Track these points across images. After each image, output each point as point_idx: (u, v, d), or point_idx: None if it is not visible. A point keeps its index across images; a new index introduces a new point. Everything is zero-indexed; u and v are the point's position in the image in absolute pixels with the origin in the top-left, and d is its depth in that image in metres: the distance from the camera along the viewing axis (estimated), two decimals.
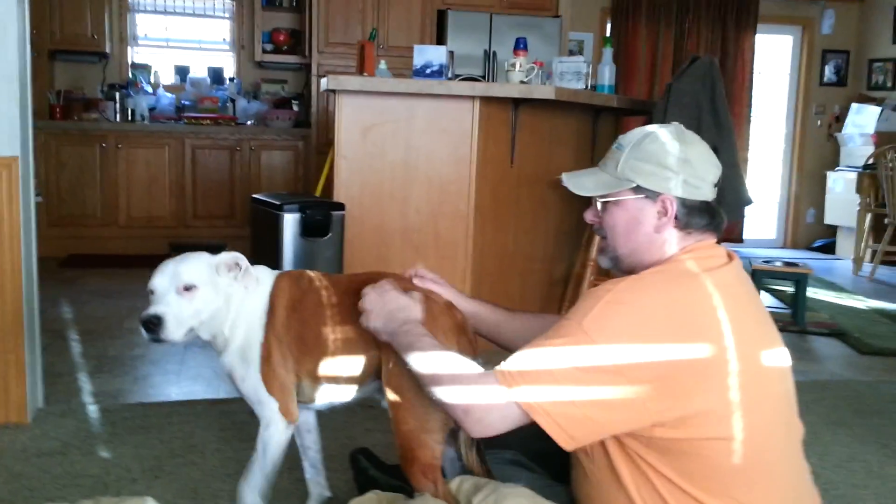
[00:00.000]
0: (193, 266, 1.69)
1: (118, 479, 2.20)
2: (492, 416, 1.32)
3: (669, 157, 1.38)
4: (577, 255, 3.90)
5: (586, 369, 1.28)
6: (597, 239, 3.34)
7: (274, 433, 1.76)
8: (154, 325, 1.63)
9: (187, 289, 1.66)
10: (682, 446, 1.30)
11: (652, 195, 1.39)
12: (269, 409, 1.75)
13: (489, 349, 1.75)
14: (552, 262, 3.90)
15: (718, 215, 1.42)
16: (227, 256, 1.75)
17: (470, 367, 1.38)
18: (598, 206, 1.45)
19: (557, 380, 1.29)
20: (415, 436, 1.60)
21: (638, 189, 1.40)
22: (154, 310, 1.63)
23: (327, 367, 1.73)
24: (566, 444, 1.31)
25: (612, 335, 1.28)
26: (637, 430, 1.31)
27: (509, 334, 1.42)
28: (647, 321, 1.29)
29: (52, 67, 5.80)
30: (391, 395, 1.63)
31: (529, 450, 1.66)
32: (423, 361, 1.43)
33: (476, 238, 3.32)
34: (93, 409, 2.70)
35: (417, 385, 1.48)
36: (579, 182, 1.48)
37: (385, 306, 1.56)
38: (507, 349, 1.58)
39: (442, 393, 1.38)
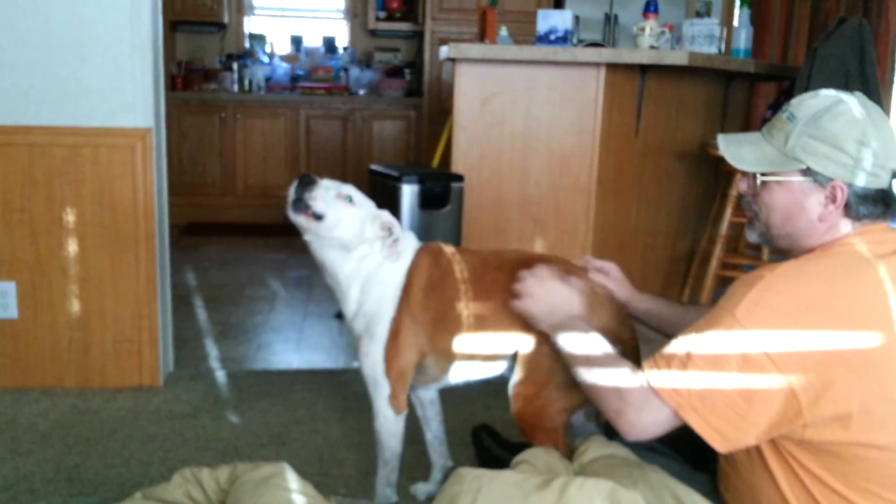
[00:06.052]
0: (357, 193, 1.72)
1: (248, 445, 2.24)
2: (643, 418, 1.27)
3: (849, 140, 1.23)
4: (704, 231, 3.70)
5: (735, 357, 1.19)
6: (728, 210, 3.18)
7: (384, 424, 1.79)
8: (309, 181, 1.64)
9: (344, 198, 1.68)
10: (838, 449, 1.20)
11: (822, 179, 1.25)
12: (381, 394, 1.75)
13: None
14: (676, 238, 3.72)
15: (895, 202, 1.27)
16: (387, 216, 1.74)
17: (625, 368, 1.33)
18: (758, 181, 1.32)
19: (702, 368, 1.21)
20: (543, 409, 1.62)
21: (807, 171, 1.26)
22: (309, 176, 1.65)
23: (463, 345, 1.71)
24: (720, 445, 1.23)
25: (765, 323, 1.18)
26: (788, 429, 1.20)
27: (684, 328, 1.35)
28: (805, 310, 1.18)
29: (173, 38, 5.99)
30: (523, 371, 1.63)
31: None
32: (583, 362, 1.40)
33: (597, 212, 3.19)
34: (220, 375, 2.78)
35: (559, 366, 1.50)
36: (738, 152, 1.35)
37: (547, 297, 1.52)
38: None
39: (597, 394, 1.36)
